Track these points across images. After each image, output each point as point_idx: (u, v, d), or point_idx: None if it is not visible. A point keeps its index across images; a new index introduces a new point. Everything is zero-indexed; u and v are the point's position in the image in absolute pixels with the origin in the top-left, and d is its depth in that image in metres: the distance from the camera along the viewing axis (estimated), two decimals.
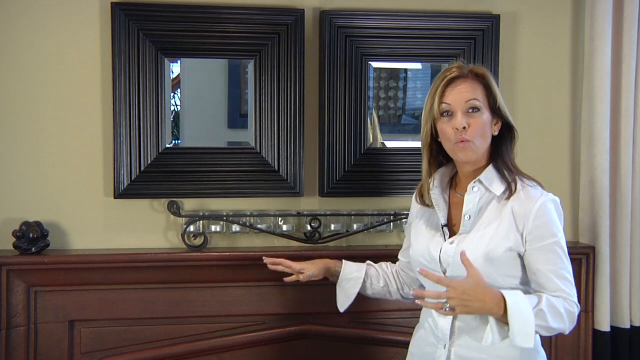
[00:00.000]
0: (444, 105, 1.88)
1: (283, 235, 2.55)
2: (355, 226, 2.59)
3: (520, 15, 2.69)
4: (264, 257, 2.24)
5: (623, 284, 2.68)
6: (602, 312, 2.65)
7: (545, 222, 1.85)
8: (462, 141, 1.86)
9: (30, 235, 2.37)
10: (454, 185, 2.01)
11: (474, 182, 1.90)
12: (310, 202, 2.59)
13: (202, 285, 2.50)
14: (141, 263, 2.44)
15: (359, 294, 2.17)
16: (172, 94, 2.50)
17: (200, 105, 2.54)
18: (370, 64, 2.57)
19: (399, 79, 2.63)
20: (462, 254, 1.79)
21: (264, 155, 2.52)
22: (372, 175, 2.59)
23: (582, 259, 2.63)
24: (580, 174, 2.71)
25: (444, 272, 1.90)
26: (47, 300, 2.42)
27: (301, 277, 2.17)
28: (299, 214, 2.56)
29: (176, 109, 2.51)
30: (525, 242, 1.85)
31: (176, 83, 2.51)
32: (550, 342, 2.63)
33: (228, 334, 2.53)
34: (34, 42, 2.42)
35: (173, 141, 2.50)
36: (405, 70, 2.63)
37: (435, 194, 1.97)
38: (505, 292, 1.77)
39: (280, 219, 2.56)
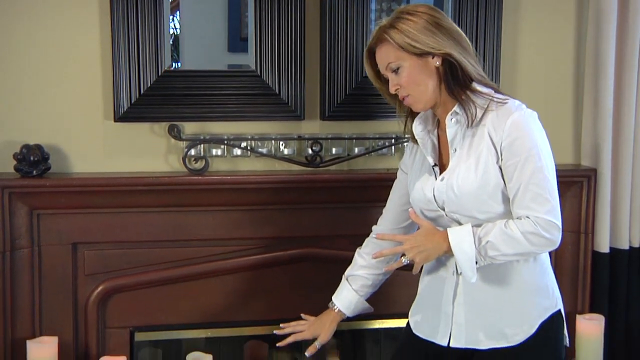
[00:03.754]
0: (380, 73, 1.92)
1: (284, 159, 2.54)
2: (356, 150, 2.58)
3: None
4: (275, 331, 2.20)
5: (623, 206, 2.69)
6: (602, 234, 2.66)
7: (519, 136, 1.78)
8: (403, 98, 1.88)
9: (31, 158, 2.35)
10: (439, 123, 1.96)
11: (450, 115, 1.86)
12: (312, 126, 2.58)
13: (203, 208, 2.50)
14: (142, 187, 2.44)
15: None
16: (171, 17, 2.46)
17: (199, 28, 2.51)
18: None
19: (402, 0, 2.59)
20: (411, 213, 1.92)
21: (264, 78, 2.49)
22: (373, 98, 2.53)
23: (584, 181, 2.63)
24: (584, 95, 2.67)
25: (443, 209, 1.89)
26: (50, 223, 2.42)
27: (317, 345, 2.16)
28: (300, 138, 2.55)
29: (175, 32, 2.47)
30: (501, 159, 1.80)
31: (175, 5, 2.47)
32: None
33: (229, 257, 2.55)
34: None
35: (173, 64, 2.47)
36: None
37: (421, 137, 1.95)
38: (449, 230, 1.81)
39: (281, 142, 2.54)
